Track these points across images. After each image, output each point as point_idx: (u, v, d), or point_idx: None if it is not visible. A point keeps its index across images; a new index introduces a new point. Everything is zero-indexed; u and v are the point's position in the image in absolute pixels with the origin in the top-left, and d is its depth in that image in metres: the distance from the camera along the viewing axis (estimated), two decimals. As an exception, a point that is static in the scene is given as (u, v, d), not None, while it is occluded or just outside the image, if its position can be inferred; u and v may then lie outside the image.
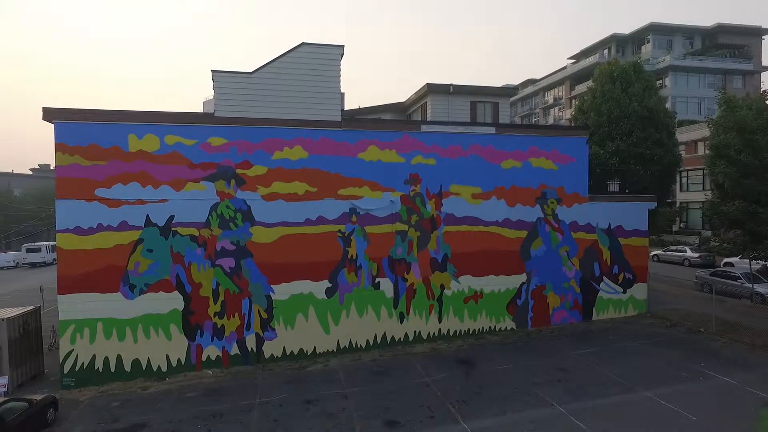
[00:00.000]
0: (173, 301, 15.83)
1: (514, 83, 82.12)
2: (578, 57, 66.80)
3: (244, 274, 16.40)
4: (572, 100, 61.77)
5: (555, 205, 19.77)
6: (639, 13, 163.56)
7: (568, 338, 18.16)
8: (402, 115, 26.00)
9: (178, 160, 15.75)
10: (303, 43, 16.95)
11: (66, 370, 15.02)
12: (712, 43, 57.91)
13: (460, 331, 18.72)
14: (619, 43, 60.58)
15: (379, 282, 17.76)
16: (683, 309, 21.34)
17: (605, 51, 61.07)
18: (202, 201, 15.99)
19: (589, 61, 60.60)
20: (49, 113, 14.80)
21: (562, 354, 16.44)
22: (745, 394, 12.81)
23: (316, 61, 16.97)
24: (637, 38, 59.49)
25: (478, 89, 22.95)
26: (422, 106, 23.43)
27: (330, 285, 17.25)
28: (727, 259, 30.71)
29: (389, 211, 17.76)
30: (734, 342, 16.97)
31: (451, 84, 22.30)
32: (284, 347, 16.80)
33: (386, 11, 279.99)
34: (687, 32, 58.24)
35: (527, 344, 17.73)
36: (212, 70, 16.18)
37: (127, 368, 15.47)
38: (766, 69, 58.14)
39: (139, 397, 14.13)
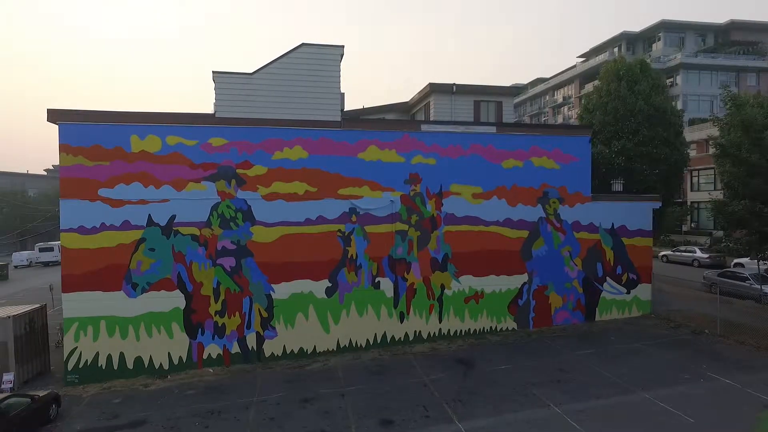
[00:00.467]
0: (175, 300, 16.05)
1: (523, 82, 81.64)
2: (588, 55, 66.13)
3: (244, 274, 16.55)
4: (582, 99, 61.15)
5: (557, 204, 19.63)
6: (651, 10, 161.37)
7: (569, 339, 18.01)
8: (406, 115, 26.03)
9: (179, 160, 15.96)
10: (303, 44, 17.06)
11: (70, 367, 15.31)
12: (725, 40, 56.97)
13: (461, 331, 18.67)
14: (629, 41, 59.90)
15: (379, 281, 17.80)
16: (689, 310, 21.04)
17: (615, 49, 60.39)
18: (203, 201, 16.18)
19: (598, 59, 59.87)
20: (53, 114, 15.09)
21: (562, 355, 16.33)
22: (746, 397, 12.60)
23: (316, 62, 17.08)
24: (648, 36, 58.77)
25: (481, 89, 22.91)
26: (425, 106, 23.45)
27: (330, 284, 17.34)
28: (737, 260, 30.12)
29: (389, 210, 17.79)
30: (739, 344, 16.69)
31: (454, 84, 22.30)
32: (284, 346, 16.93)
33: (400, 11, 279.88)
34: (699, 29, 57.37)
35: (527, 345, 17.63)
36: (213, 71, 16.36)
37: (130, 366, 15.72)
38: (780, 65, 57.07)
39: (141, 394, 14.35)
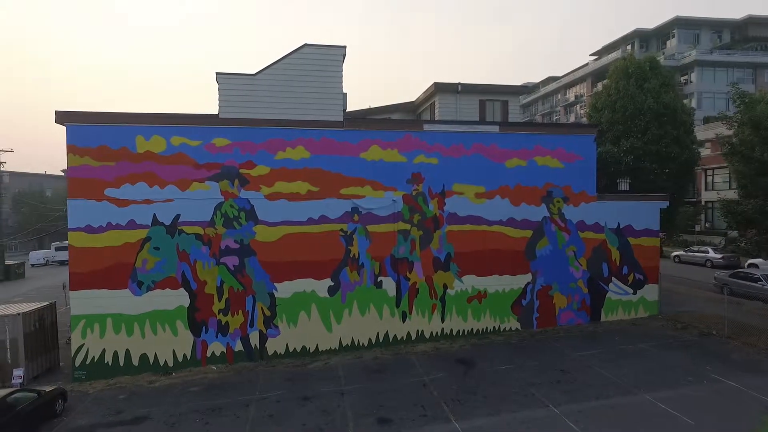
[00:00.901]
0: (179, 298, 16.28)
1: (535, 81, 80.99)
2: (600, 53, 65.37)
3: (247, 272, 16.73)
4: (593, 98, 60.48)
5: (561, 204, 19.45)
6: (667, 7, 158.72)
7: (573, 339, 17.85)
8: (412, 114, 26.01)
9: (183, 160, 16.18)
10: (305, 45, 17.15)
11: (77, 363, 15.63)
12: (742, 36, 55.84)
13: (463, 330, 18.62)
14: (642, 38, 59.06)
15: (381, 281, 17.84)
16: (697, 311, 20.71)
17: (628, 47, 59.59)
18: (207, 200, 16.39)
19: (611, 57, 59.15)
20: (60, 116, 15.39)
21: (564, 355, 16.20)
22: (750, 400, 12.38)
23: (318, 62, 17.15)
24: (662, 33, 57.84)
25: (486, 88, 22.78)
26: (431, 106, 23.41)
27: (332, 283, 17.42)
28: (751, 261, 29.59)
29: (391, 210, 17.82)
30: (746, 345, 16.39)
31: (459, 83, 22.21)
32: (287, 344, 17.07)
33: (412, 11, 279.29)
34: (715, 25, 56.28)
35: (530, 345, 17.51)
36: (216, 72, 16.53)
37: (135, 363, 15.99)
38: (799, 61, 55.74)
39: (145, 391, 14.58)
